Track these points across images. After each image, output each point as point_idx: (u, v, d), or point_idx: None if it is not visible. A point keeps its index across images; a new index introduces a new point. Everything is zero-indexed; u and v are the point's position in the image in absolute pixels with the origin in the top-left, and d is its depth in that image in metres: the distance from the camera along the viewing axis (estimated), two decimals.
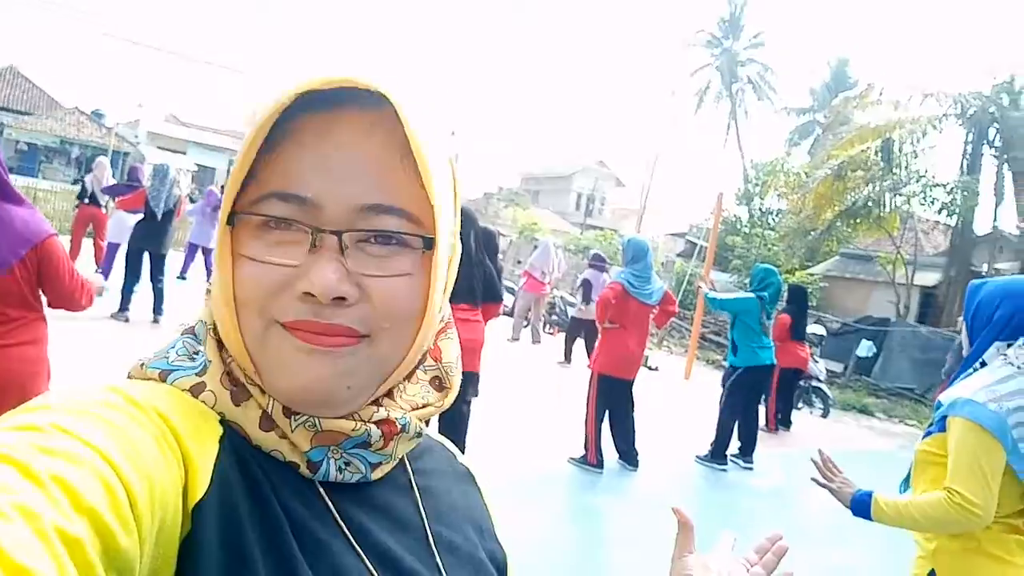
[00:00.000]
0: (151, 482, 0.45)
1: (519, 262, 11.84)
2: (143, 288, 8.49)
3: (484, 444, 6.00)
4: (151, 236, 8.19)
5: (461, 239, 3.16)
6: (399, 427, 0.60)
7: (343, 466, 0.58)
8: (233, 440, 0.54)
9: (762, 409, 8.55)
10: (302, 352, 0.54)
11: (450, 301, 3.33)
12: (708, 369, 13.74)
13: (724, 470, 6.68)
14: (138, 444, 0.46)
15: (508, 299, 15.02)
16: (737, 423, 6.85)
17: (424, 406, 0.64)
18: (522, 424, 6.97)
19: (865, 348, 14.88)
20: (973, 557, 1.97)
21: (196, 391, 0.56)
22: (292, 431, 0.56)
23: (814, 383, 10.79)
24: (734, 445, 6.87)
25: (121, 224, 9.46)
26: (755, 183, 23.45)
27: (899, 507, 2.03)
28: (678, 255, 26.89)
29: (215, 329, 0.59)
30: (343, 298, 0.54)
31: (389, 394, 0.62)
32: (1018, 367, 2.01)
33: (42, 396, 0.49)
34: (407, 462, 0.68)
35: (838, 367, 15.74)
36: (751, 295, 6.78)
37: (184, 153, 35.94)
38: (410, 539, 0.63)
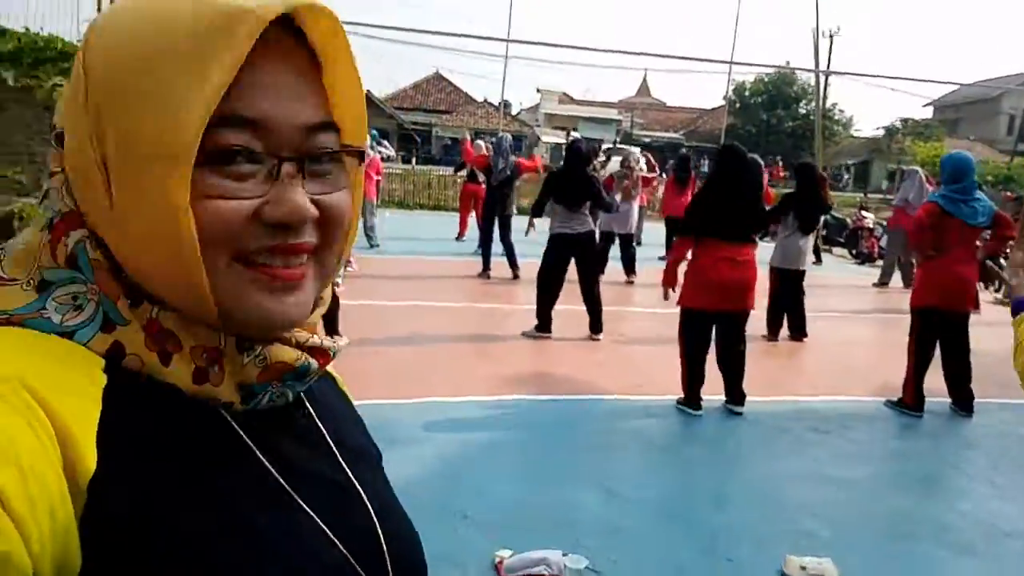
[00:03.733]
0: (23, 474, 0.43)
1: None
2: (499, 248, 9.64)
3: (785, 381, 5.86)
4: (495, 202, 9.34)
5: (726, 175, 4.91)
6: (331, 356, 0.62)
7: (275, 397, 0.59)
8: (120, 389, 0.51)
9: None
10: (269, 288, 0.54)
11: (722, 239, 3.68)
12: None
13: None
14: (7, 431, 0.43)
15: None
16: None
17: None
18: (842, 363, 6.56)
19: None
20: None
21: (116, 355, 0.52)
22: (243, 366, 0.55)
23: None
24: None
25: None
26: None
27: (1017, 336, 1.95)
28: None
29: (123, 281, 0.54)
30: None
31: None
32: None
33: None
34: None
35: None
36: None
37: (575, 129, 38.57)
38: (318, 452, 0.64)
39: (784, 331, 7.41)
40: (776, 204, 7.52)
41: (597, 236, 7.81)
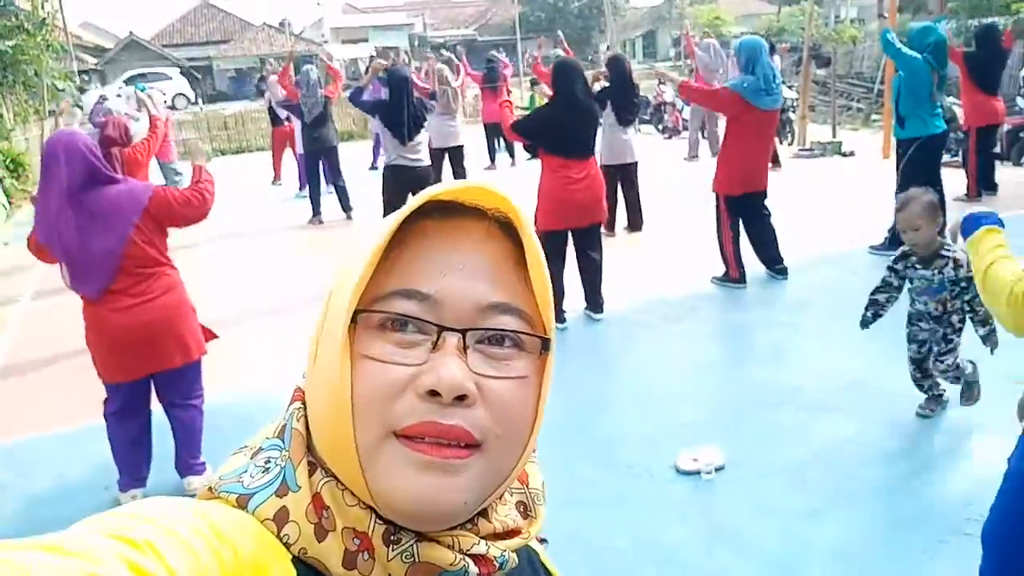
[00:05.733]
0: None
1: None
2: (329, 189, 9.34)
3: (633, 277, 6.18)
4: (314, 140, 8.91)
5: (566, 93, 4.58)
6: (497, 565, 0.58)
7: None
8: None
9: (963, 175, 7.83)
10: (421, 465, 0.53)
11: (566, 156, 3.60)
12: None
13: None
14: None
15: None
16: None
17: (511, 532, 0.62)
18: (679, 249, 7.01)
19: None
20: None
21: (279, 520, 0.54)
22: (388, 560, 0.54)
23: None
24: None
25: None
26: None
27: (981, 259, 1.82)
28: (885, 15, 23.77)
29: (308, 442, 0.58)
30: (464, 396, 0.53)
31: (484, 512, 0.59)
32: None
33: (139, 505, 0.50)
34: None
35: None
36: (918, 56, 6.08)
37: (366, 40, 37.17)
38: None
39: (622, 223, 7.76)
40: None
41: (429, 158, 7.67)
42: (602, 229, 7.35)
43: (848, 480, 3.31)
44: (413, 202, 0.56)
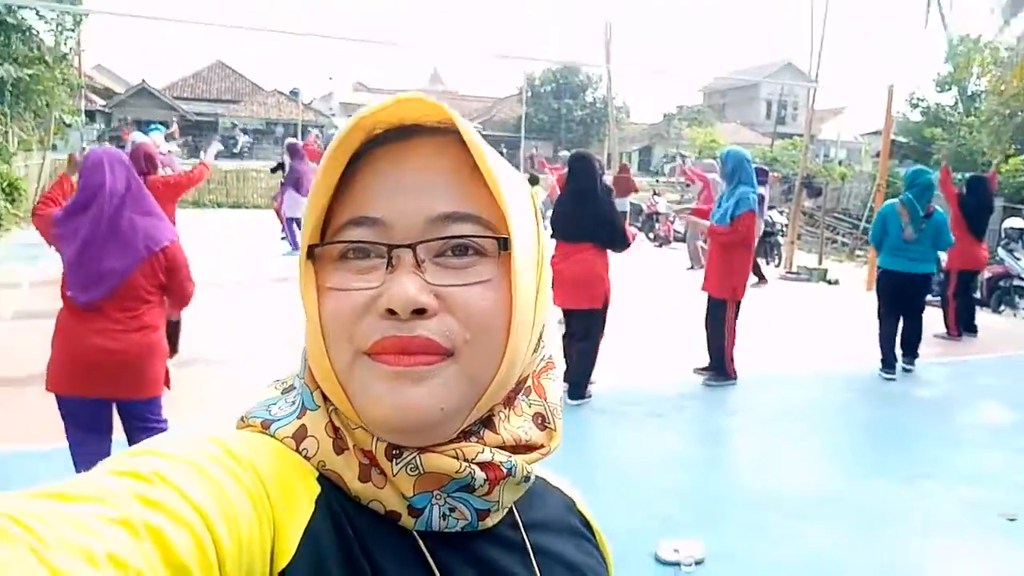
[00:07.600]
0: (241, 542, 0.46)
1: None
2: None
3: (620, 368, 6.23)
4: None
5: (578, 180, 5.20)
6: (504, 471, 0.57)
7: (447, 512, 0.56)
8: (329, 497, 0.54)
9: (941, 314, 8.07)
10: (388, 377, 0.53)
11: (559, 239, 3.63)
12: None
13: (892, 379, 6.44)
14: (233, 501, 0.46)
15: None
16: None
17: (527, 445, 0.61)
18: (667, 344, 7.08)
19: None
20: None
21: (298, 437, 0.56)
22: (394, 475, 0.55)
23: (1016, 282, 9.88)
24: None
25: (296, 200, 10.59)
26: (954, 64, 21.05)
27: None
28: (874, 156, 24.88)
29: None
30: (423, 310, 0.53)
31: (490, 424, 0.59)
32: None
33: (148, 442, 0.50)
34: (517, 514, 0.63)
35: None
36: (889, 202, 6.62)
37: None
38: None
39: None
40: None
41: None
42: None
43: None
44: (344, 127, 0.56)
